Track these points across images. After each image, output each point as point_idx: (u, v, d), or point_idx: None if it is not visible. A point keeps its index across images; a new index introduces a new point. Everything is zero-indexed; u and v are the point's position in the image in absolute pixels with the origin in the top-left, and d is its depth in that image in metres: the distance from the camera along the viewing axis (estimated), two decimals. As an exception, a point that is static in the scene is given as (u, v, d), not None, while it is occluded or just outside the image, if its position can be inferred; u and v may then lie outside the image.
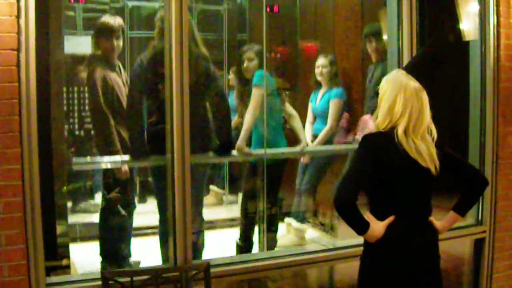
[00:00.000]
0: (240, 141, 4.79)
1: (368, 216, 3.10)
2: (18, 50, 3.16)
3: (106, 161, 4.53)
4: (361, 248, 3.23)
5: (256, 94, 4.86)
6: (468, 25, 4.72)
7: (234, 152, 4.82)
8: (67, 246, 4.20)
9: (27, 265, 3.26)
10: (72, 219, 5.10)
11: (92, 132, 4.88)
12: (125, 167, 4.55)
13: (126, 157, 4.48)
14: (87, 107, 5.51)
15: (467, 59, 4.81)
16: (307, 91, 6.05)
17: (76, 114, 5.57)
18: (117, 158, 4.43)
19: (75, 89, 5.65)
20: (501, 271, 4.83)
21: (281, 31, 6.80)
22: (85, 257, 4.85)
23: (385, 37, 4.67)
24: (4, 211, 3.18)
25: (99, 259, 4.61)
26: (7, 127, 3.16)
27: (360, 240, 3.21)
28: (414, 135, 3.00)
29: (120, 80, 4.62)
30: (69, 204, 5.64)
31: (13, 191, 3.20)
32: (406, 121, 2.99)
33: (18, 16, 3.15)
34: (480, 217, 4.77)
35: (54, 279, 3.55)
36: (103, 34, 4.54)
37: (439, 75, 4.48)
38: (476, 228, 4.78)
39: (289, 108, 5.38)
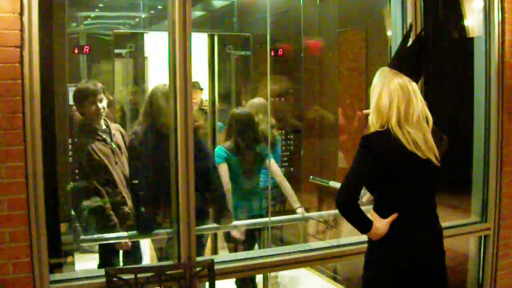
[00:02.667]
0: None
1: (372, 213, 3.11)
2: (21, 47, 3.16)
3: (110, 238, 4.54)
4: (365, 245, 3.23)
5: (221, 170, 4.92)
6: (472, 22, 4.71)
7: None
8: (71, 244, 4.20)
9: (31, 262, 3.26)
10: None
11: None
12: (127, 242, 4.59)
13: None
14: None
15: (472, 56, 4.80)
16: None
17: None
18: (123, 234, 4.50)
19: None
20: (506, 269, 4.83)
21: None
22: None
23: (389, 33, 4.66)
24: (8, 208, 3.18)
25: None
26: (10, 125, 3.16)
27: (363, 237, 3.21)
28: (407, 125, 3.01)
29: (107, 148, 4.55)
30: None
31: (17, 189, 3.20)
32: (395, 112, 3.02)
33: (21, 13, 3.15)
34: (484, 215, 4.77)
35: (58, 276, 3.55)
36: (85, 99, 4.50)
37: (440, 69, 4.46)
38: (481, 225, 4.77)
39: (272, 165, 5.28)
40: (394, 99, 3.02)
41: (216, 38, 6.65)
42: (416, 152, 3.00)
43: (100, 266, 4.66)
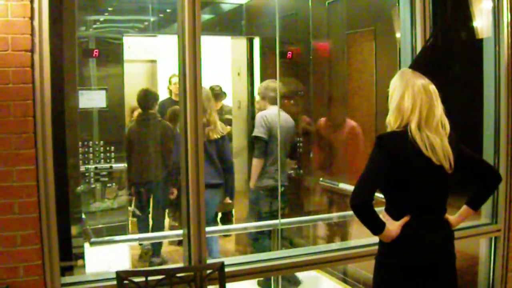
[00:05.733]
0: None
1: (384, 215, 3.10)
2: (32, 51, 3.18)
3: (122, 240, 4.90)
4: (376, 248, 3.23)
5: None
6: (481, 23, 4.69)
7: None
8: (82, 247, 4.22)
9: (42, 265, 3.28)
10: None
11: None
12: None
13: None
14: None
15: (481, 57, 4.79)
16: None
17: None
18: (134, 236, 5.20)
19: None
20: (516, 270, 4.81)
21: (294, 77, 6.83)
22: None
23: (398, 35, 4.66)
24: (19, 211, 3.20)
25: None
26: (21, 128, 3.18)
27: (374, 239, 3.21)
28: (427, 129, 3.00)
29: None
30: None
31: (28, 192, 3.21)
32: (417, 116, 2.99)
33: (31, 18, 3.17)
34: (494, 216, 4.75)
35: (69, 279, 3.56)
36: None
37: (450, 70, 4.47)
38: (491, 226, 4.76)
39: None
40: (417, 101, 3.01)
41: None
42: (431, 157, 2.99)
43: None
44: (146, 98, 6.37)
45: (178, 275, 3.57)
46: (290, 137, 5.83)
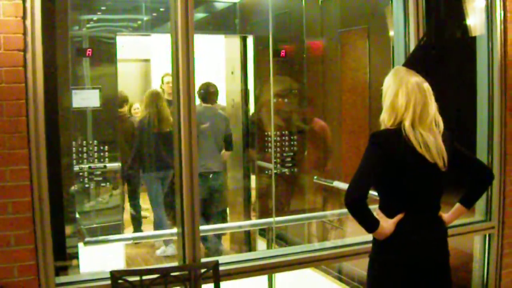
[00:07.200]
0: None
1: (377, 212, 3.10)
2: (25, 50, 3.17)
3: (116, 239, 5.01)
4: (370, 245, 3.23)
5: None
6: (475, 20, 4.70)
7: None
8: (76, 246, 4.21)
9: (36, 266, 3.27)
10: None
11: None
12: None
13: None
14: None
15: (474, 55, 4.79)
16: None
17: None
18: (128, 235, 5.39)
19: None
20: (510, 267, 4.82)
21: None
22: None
23: (391, 33, 4.67)
24: (13, 211, 3.19)
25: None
26: (14, 128, 3.17)
27: (368, 237, 3.21)
28: (421, 126, 3.00)
29: None
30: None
31: (22, 192, 3.21)
32: (411, 114, 2.99)
33: (24, 17, 3.16)
34: (488, 213, 4.76)
35: (63, 279, 3.56)
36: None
37: (443, 68, 4.47)
38: (485, 224, 4.77)
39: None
40: (411, 99, 3.00)
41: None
42: (425, 154, 2.99)
43: None
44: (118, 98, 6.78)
45: (173, 274, 3.57)
46: (221, 130, 6.61)
